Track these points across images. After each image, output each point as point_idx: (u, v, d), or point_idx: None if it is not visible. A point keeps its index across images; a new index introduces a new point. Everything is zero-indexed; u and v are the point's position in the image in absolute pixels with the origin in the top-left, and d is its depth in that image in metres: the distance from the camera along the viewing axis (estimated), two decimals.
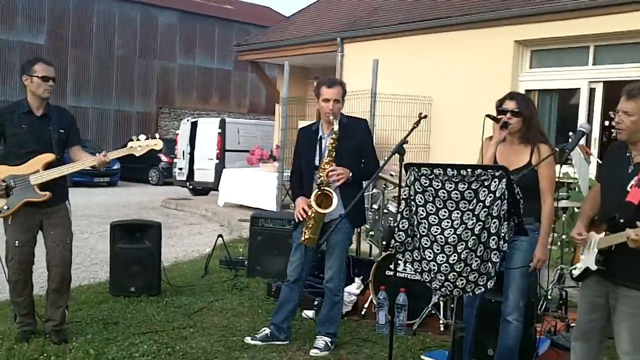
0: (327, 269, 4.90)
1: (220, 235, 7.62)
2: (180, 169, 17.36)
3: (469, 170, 3.03)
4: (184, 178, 17.28)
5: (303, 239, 4.76)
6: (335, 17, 14.95)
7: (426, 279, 3.19)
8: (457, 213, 3.05)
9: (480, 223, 2.98)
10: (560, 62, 10.40)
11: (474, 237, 2.99)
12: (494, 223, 2.97)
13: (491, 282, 3.04)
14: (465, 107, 10.68)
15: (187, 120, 17.98)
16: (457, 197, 3.05)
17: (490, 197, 2.97)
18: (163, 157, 21.88)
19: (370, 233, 6.31)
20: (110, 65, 29.08)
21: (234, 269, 7.22)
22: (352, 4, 15.27)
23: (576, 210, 6.09)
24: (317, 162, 4.81)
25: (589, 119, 9.84)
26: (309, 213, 4.69)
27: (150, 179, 23.11)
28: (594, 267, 3.35)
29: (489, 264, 3.01)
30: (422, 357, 4.76)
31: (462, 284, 3.07)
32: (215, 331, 5.19)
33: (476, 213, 2.99)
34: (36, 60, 4.82)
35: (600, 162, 5.61)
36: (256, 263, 7.02)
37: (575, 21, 9.67)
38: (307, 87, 16.09)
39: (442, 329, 5.34)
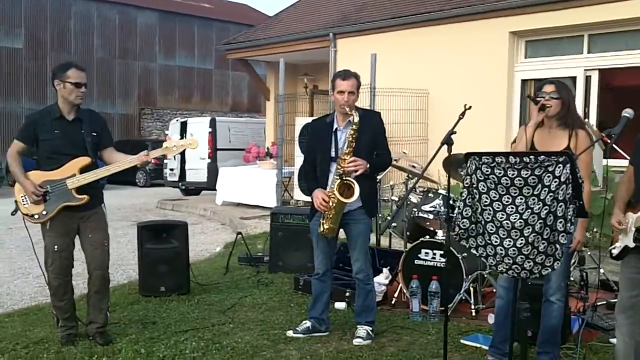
0: (354, 260, 4.96)
1: (239, 233, 7.70)
2: (172, 169, 17.33)
3: (531, 157, 3.16)
4: (176, 179, 17.27)
5: (322, 229, 4.80)
6: (325, 13, 15.03)
7: (492, 263, 3.32)
8: (521, 199, 3.18)
9: (547, 207, 3.11)
10: (555, 52, 10.60)
11: (540, 220, 3.13)
12: (560, 206, 3.10)
13: (557, 263, 3.18)
14: (462, 99, 10.69)
15: (177, 120, 17.94)
16: (520, 184, 3.18)
17: (555, 182, 3.10)
18: None
19: (393, 224, 6.42)
20: (90, 67, 28.81)
21: (255, 265, 7.32)
22: (339, 0, 15.36)
23: None
24: (332, 154, 4.85)
25: (586, 106, 10.06)
26: (330, 203, 4.74)
27: (137, 180, 22.97)
28: (632, 245, 3.48)
29: (557, 246, 3.15)
30: (462, 341, 4.88)
31: (530, 266, 3.20)
32: (254, 326, 5.27)
33: (542, 198, 3.12)
34: (69, 65, 4.77)
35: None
36: (278, 259, 7.10)
37: (569, 11, 9.87)
38: (298, 83, 16.18)
39: (473, 314, 5.49)
